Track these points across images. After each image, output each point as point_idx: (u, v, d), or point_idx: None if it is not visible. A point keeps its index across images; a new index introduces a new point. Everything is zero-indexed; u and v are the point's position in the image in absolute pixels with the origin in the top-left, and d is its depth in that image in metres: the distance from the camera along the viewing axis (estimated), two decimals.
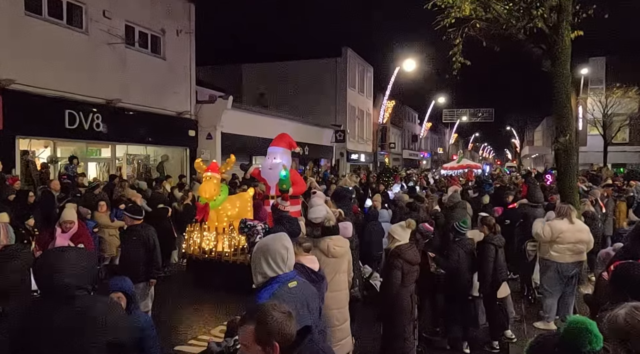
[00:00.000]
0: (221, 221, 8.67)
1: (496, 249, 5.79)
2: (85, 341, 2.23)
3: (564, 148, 7.95)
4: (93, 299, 2.41)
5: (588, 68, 29.09)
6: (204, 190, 8.25)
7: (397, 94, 36.62)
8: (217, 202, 8.47)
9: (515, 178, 21.25)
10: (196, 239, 8.67)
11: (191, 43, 16.88)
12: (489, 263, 5.68)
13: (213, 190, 8.23)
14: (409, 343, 4.93)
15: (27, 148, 11.54)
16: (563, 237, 6.17)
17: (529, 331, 6.25)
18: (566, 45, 7.83)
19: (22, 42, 10.88)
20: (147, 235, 5.99)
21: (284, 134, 9.87)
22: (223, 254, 8.35)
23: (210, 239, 8.55)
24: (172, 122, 15.92)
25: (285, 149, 9.41)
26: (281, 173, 8.64)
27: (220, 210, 8.64)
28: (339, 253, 4.65)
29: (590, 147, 30.33)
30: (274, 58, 29.25)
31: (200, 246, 8.61)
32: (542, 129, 54.28)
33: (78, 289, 2.31)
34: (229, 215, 8.76)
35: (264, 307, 1.85)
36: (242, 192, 10.19)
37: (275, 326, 1.77)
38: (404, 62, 29.81)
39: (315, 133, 26.38)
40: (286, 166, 8.86)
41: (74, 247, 2.60)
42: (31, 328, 2.26)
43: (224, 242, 8.42)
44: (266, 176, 9.18)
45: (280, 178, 8.62)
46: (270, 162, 9.15)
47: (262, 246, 2.57)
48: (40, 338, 2.23)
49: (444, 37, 9.05)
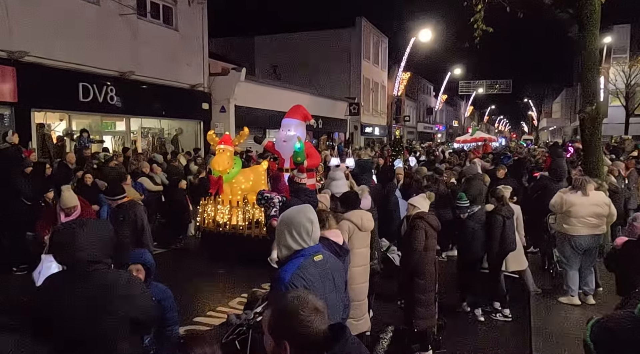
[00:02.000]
0: (235, 194, 8.56)
1: (504, 220, 5.80)
2: (105, 314, 2.22)
3: (590, 117, 7.68)
4: (112, 273, 2.38)
5: (611, 37, 28.04)
6: (216, 162, 8.07)
7: (413, 66, 35.94)
8: (231, 175, 8.33)
9: (534, 150, 20.84)
10: (210, 213, 8.55)
11: (203, 14, 16.57)
12: (495, 233, 5.77)
13: (226, 162, 8.06)
14: (429, 310, 4.88)
15: (43, 121, 11.56)
16: (574, 210, 6.04)
17: (551, 305, 6.16)
18: (595, 9, 7.48)
19: (34, 14, 10.74)
20: (135, 215, 5.17)
21: (299, 106, 9.56)
22: (237, 227, 8.28)
23: (224, 213, 8.43)
24: (185, 95, 15.80)
25: (300, 121, 9.13)
26: (296, 146, 8.46)
27: (233, 183, 8.51)
28: (371, 226, 4.66)
29: (612, 118, 29.41)
30: (287, 29, 28.76)
31: (214, 220, 8.51)
32: (561, 100, 52.98)
33: (96, 263, 2.29)
34: (243, 188, 8.64)
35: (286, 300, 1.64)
36: (256, 165, 9.97)
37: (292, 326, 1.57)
38: (420, 32, 29.11)
39: (329, 106, 26.07)
40: (301, 138, 8.66)
41: (90, 220, 2.54)
42: (53, 302, 2.26)
43: (238, 215, 8.33)
44: (280, 148, 8.98)
45: (295, 151, 8.44)
46: (284, 134, 8.92)
47: (286, 219, 2.47)
48: (62, 311, 2.22)
49: (465, 3, 8.72)
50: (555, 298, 6.32)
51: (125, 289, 2.31)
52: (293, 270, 2.35)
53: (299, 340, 1.58)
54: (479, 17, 8.47)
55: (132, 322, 2.29)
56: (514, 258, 6.25)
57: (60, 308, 2.23)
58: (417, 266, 4.85)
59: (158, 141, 16.09)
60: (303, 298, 1.63)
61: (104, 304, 2.23)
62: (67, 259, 2.29)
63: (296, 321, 1.57)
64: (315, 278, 2.38)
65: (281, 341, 1.58)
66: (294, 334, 1.57)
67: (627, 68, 27.80)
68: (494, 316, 5.98)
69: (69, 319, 2.21)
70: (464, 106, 66.67)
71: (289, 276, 2.34)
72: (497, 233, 5.77)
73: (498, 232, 5.77)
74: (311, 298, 1.64)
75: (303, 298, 1.63)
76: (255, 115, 18.22)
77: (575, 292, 6.15)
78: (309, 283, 2.34)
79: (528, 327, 5.60)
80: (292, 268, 2.36)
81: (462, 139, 31.57)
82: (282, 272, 2.38)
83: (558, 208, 6.25)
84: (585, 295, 6.18)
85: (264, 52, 29.39)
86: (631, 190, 10.11)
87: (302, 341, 1.58)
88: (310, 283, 2.35)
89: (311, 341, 1.58)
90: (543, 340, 5.19)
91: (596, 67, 7.87)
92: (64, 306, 2.22)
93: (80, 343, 2.22)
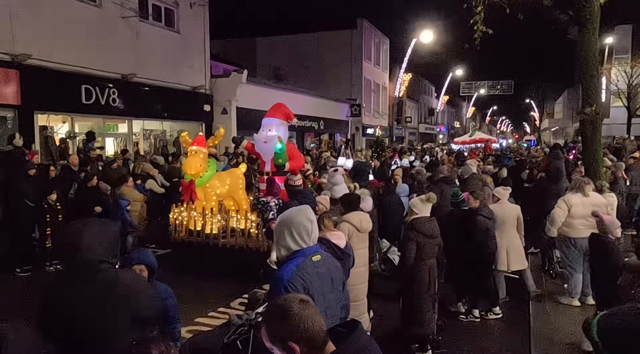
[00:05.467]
0: (209, 200, 7.87)
1: (486, 221, 5.77)
2: (111, 313, 2.25)
3: (589, 119, 7.71)
4: (117, 272, 2.42)
5: (613, 37, 28.04)
6: (188, 165, 7.43)
7: (414, 67, 35.94)
8: (204, 179, 7.70)
9: (535, 151, 20.84)
10: (183, 220, 7.87)
11: (205, 16, 16.64)
12: (475, 233, 5.74)
13: (199, 165, 7.45)
14: (428, 317, 4.89)
15: (46, 123, 11.63)
16: (574, 211, 6.04)
17: (550, 305, 6.18)
18: (595, 11, 7.51)
19: (37, 17, 10.82)
20: None
21: (280, 104, 8.89)
22: (211, 237, 7.65)
23: (197, 220, 7.77)
24: (187, 97, 15.86)
25: (282, 120, 8.51)
26: (276, 147, 7.89)
27: (207, 187, 7.83)
28: (369, 227, 4.68)
29: (613, 118, 29.46)
30: (288, 31, 28.80)
31: (186, 228, 7.86)
32: (562, 101, 52.91)
33: (102, 263, 2.32)
34: (218, 193, 7.97)
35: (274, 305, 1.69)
36: (233, 168, 9.36)
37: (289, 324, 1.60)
38: (421, 33, 29.12)
39: (331, 107, 26.11)
40: (282, 138, 8.08)
41: (96, 220, 2.59)
42: (59, 301, 2.29)
43: (213, 224, 7.67)
44: (260, 150, 8.35)
45: (276, 152, 7.89)
46: (264, 134, 8.30)
47: (285, 220, 2.51)
48: (68, 311, 2.25)
49: (465, 5, 8.75)
50: (555, 298, 6.35)
51: (131, 287, 2.35)
52: (292, 270, 2.39)
53: (303, 336, 1.60)
54: (479, 19, 8.50)
55: (137, 320, 2.32)
56: (515, 258, 6.28)
57: (66, 308, 2.25)
58: (410, 276, 4.86)
59: (160, 143, 16.16)
60: (286, 296, 1.71)
61: (110, 303, 2.26)
62: (74, 259, 2.31)
63: (290, 317, 1.61)
64: (314, 278, 2.42)
65: (286, 343, 1.60)
66: (295, 332, 1.60)
67: (628, 69, 27.75)
68: (485, 316, 5.95)
69: (75, 318, 2.24)
70: (466, 107, 66.61)
71: (288, 276, 2.38)
72: (477, 234, 5.75)
73: (478, 232, 5.75)
74: (293, 294, 1.72)
75: (286, 297, 1.70)
76: (257, 116, 18.09)
77: (577, 295, 6.16)
78: (307, 283, 2.38)
79: (527, 327, 5.63)
80: (291, 268, 2.40)
81: (460, 140, 31.46)
82: (281, 272, 2.42)
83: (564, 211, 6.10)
84: (584, 295, 6.19)
85: (265, 54, 29.46)
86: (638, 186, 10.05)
87: (306, 337, 1.60)
88: (309, 282, 2.38)
89: (315, 335, 1.61)
90: (542, 340, 5.22)
91: (596, 68, 7.90)
92: (70, 305, 2.25)
93: (86, 342, 2.25)
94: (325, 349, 1.64)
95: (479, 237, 5.77)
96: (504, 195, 6.50)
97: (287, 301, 1.65)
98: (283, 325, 1.61)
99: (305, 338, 1.60)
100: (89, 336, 2.25)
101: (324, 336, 1.64)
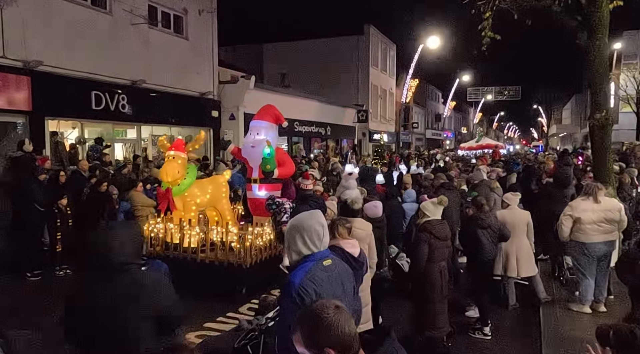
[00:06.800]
0: (188, 211, 7.22)
1: (482, 229, 5.70)
2: (135, 310, 2.34)
3: (599, 125, 7.66)
4: (143, 273, 2.58)
5: (622, 43, 27.91)
6: (164, 172, 6.77)
7: (421, 73, 35.99)
8: (182, 187, 7.02)
9: (543, 157, 20.70)
10: (158, 233, 7.22)
11: (213, 22, 16.77)
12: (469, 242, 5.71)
13: (176, 172, 6.79)
14: (441, 319, 4.86)
15: (56, 129, 11.74)
16: (584, 217, 5.98)
17: (561, 312, 6.13)
18: (604, 17, 7.47)
19: (48, 24, 10.96)
20: None
21: (270, 106, 8.35)
22: (190, 250, 7.01)
23: (174, 232, 7.16)
24: (195, 103, 15.96)
25: (271, 123, 7.97)
26: (264, 152, 7.40)
27: (186, 196, 7.13)
28: (360, 235, 4.47)
29: (622, 124, 29.23)
30: (295, 37, 28.96)
31: (163, 242, 7.21)
32: (570, 107, 52.68)
33: (129, 264, 2.42)
34: (198, 203, 7.28)
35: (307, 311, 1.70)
36: (216, 175, 8.72)
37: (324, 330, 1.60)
38: (428, 39, 29.16)
39: (337, 113, 26.16)
40: (271, 143, 7.55)
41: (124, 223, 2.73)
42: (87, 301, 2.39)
43: (191, 237, 7.06)
44: (248, 155, 7.84)
45: (264, 158, 7.42)
46: (252, 138, 7.79)
47: (297, 224, 2.52)
48: (97, 309, 2.35)
49: (473, 11, 8.75)
50: (566, 305, 6.28)
51: (158, 287, 2.46)
52: (303, 275, 2.39)
53: (338, 341, 1.60)
54: (487, 25, 8.49)
55: (159, 321, 2.41)
56: (525, 265, 6.24)
57: (97, 308, 2.35)
58: (422, 278, 4.84)
59: None
60: (321, 302, 1.71)
61: (139, 302, 2.36)
62: (103, 260, 2.40)
63: (325, 323, 1.61)
64: (325, 283, 2.42)
65: (322, 349, 1.60)
66: (329, 337, 1.60)
67: (637, 74, 27.58)
68: (471, 334, 5.62)
69: (101, 318, 2.34)
70: (473, 113, 66.45)
71: (299, 280, 2.38)
72: (471, 242, 5.70)
73: (473, 241, 5.68)
74: (327, 300, 1.71)
75: (321, 302, 1.70)
76: None
77: (589, 302, 6.09)
78: (319, 287, 2.38)
79: (538, 334, 5.58)
80: (302, 273, 2.40)
81: (467, 146, 31.35)
82: (293, 277, 2.43)
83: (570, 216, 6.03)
84: (596, 302, 6.13)
85: (272, 60, 29.61)
86: None
87: (341, 342, 1.61)
88: (320, 287, 2.38)
89: (349, 340, 1.62)
90: (553, 347, 5.16)
91: (605, 74, 7.85)
92: (101, 305, 2.34)
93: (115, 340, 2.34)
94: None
95: (471, 247, 5.73)
96: (514, 201, 6.47)
97: (323, 307, 1.66)
98: (319, 331, 1.61)
99: (341, 344, 1.61)
100: (118, 334, 2.33)
101: (358, 342, 1.65)
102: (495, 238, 5.82)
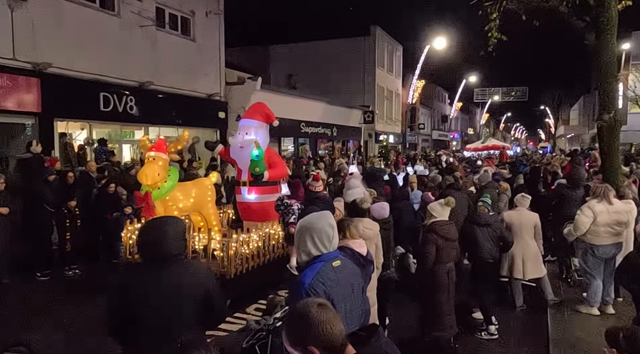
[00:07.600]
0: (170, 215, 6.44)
1: (479, 226, 5.71)
2: (188, 294, 2.62)
3: (607, 125, 7.62)
4: (190, 263, 2.95)
5: (630, 43, 27.68)
6: (144, 174, 6.18)
7: (427, 73, 35.92)
8: (163, 191, 6.43)
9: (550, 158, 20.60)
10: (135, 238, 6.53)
11: (220, 24, 16.85)
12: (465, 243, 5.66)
13: (156, 174, 6.22)
14: (448, 320, 4.86)
15: (65, 130, 11.85)
16: (600, 219, 5.93)
17: (569, 314, 6.10)
18: (613, 17, 7.44)
19: (58, 27, 11.07)
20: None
21: (260, 104, 7.93)
22: None
23: None
24: (202, 104, 16.04)
25: (261, 122, 7.53)
26: (253, 153, 6.97)
27: (168, 201, 6.53)
28: (368, 235, 4.51)
29: (631, 125, 28.92)
30: (302, 38, 28.99)
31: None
32: (578, 108, 52.27)
33: (178, 255, 2.68)
34: (181, 208, 6.68)
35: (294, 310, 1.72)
36: (203, 178, 8.28)
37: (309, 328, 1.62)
38: (435, 40, 29.14)
39: (344, 114, 26.16)
40: (260, 143, 7.13)
41: (171, 218, 2.88)
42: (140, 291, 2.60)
43: None
44: (235, 156, 7.42)
45: (252, 159, 6.99)
46: (241, 138, 7.34)
47: (306, 225, 2.54)
48: (149, 296, 2.57)
49: (480, 12, 8.74)
50: (574, 307, 6.25)
51: (205, 275, 2.77)
52: (313, 275, 2.41)
53: (322, 340, 1.62)
54: (494, 26, 8.47)
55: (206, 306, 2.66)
56: (531, 266, 6.22)
57: (149, 297, 2.56)
58: (429, 279, 4.84)
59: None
60: (305, 301, 1.74)
61: (185, 285, 2.61)
62: (156, 253, 2.63)
63: (310, 321, 1.63)
64: (335, 283, 2.43)
65: (306, 347, 1.62)
66: (315, 336, 1.62)
67: None
68: (478, 335, 5.61)
69: (156, 306, 2.55)
70: (480, 113, 66.20)
71: (309, 281, 2.40)
72: (467, 242, 5.68)
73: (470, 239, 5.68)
74: (312, 299, 1.75)
75: (305, 301, 1.73)
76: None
77: (597, 303, 6.06)
78: (328, 288, 2.40)
79: (546, 336, 5.56)
80: (312, 274, 2.42)
81: (473, 147, 31.15)
82: (303, 277, 2.44)
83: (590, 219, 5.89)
84: (604, 304, 6.09)
85: (279, 61, 29.67)
86: None
87: (324, 340, 1.62)
88: (329, 288, 2.40)
89: (333, 339, 1.63)
90: (561, 350, 5.14)
91: (614, 75, 7.81)
92: (155, 294, 2.56)
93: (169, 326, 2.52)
94: (345, 353, 1.66)
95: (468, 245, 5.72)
96: (524, 204, 6.45)
97: (306, 306, 1.68)
98: (302, 329, 1.64)
99: (324, 342, 1.62)
100: (172, 321, 2.56)
101: (343, 340, 1.66)
102: (496, 237, 5.79)
